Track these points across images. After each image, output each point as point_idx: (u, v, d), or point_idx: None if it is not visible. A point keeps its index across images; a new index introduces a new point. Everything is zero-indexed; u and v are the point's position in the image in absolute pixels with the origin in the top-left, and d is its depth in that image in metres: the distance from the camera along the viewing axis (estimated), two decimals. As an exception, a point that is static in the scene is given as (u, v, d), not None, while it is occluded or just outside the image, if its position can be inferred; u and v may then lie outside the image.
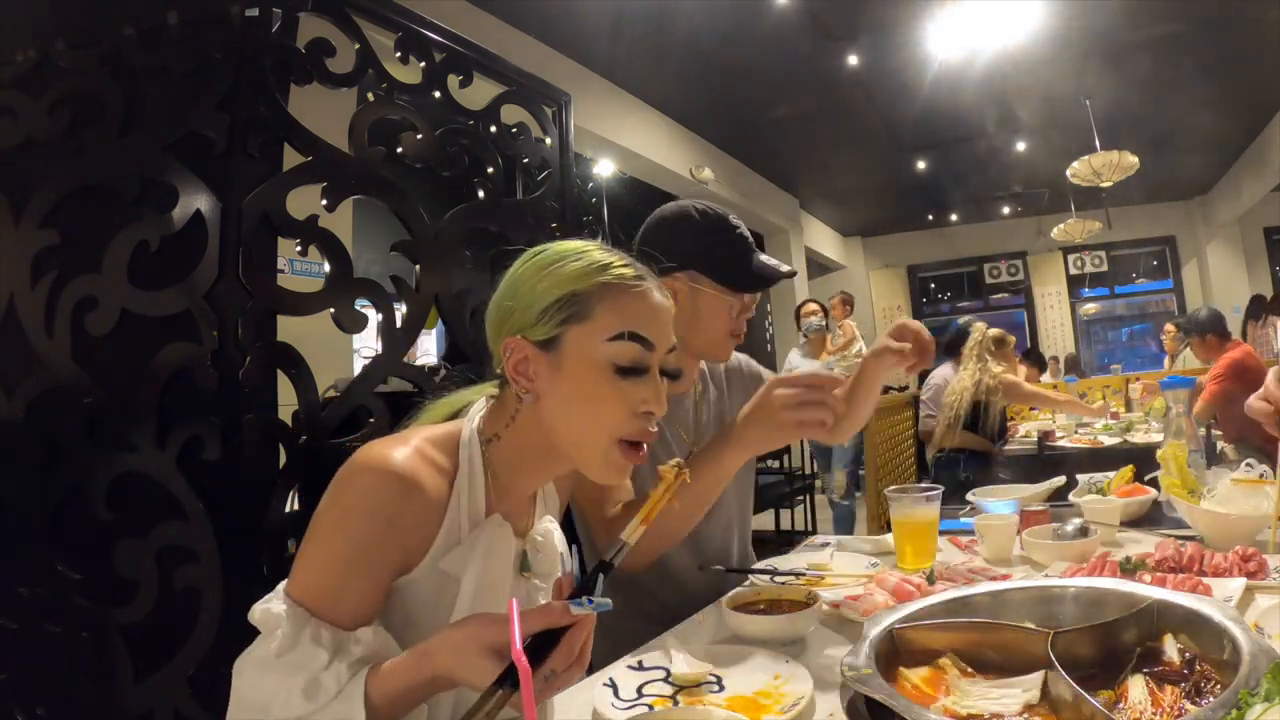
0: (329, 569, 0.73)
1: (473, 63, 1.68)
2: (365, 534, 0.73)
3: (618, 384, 0.77)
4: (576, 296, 0.78)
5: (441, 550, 0.78)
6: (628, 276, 0.80)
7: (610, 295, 0.78)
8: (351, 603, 0.73)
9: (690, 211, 1.29)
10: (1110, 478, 1.74)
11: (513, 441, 0.82)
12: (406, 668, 0.70)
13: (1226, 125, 6.39)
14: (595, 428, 0.78)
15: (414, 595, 0.78)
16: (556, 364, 0.78)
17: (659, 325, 0.80)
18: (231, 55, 1.27)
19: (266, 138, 1.28)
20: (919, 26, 4.35)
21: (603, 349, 0.77)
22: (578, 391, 0.77)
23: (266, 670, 0.70)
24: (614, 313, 0.78)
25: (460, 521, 0.79)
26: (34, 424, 1.30)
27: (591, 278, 0.78)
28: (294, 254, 1.36)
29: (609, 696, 0.86)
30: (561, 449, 0.81)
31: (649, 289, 0.81)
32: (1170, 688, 0.69)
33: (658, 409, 0.79)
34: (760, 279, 1.28)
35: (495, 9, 3.78)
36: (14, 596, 1.28)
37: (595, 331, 0.77)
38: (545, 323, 0.78)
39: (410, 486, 0.75)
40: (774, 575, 1.32)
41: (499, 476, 0.82)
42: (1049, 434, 3.71)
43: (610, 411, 0.77)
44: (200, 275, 1.20)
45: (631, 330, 0.77)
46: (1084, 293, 9.50)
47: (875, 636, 0.79)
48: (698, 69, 4.74)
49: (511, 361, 0.79)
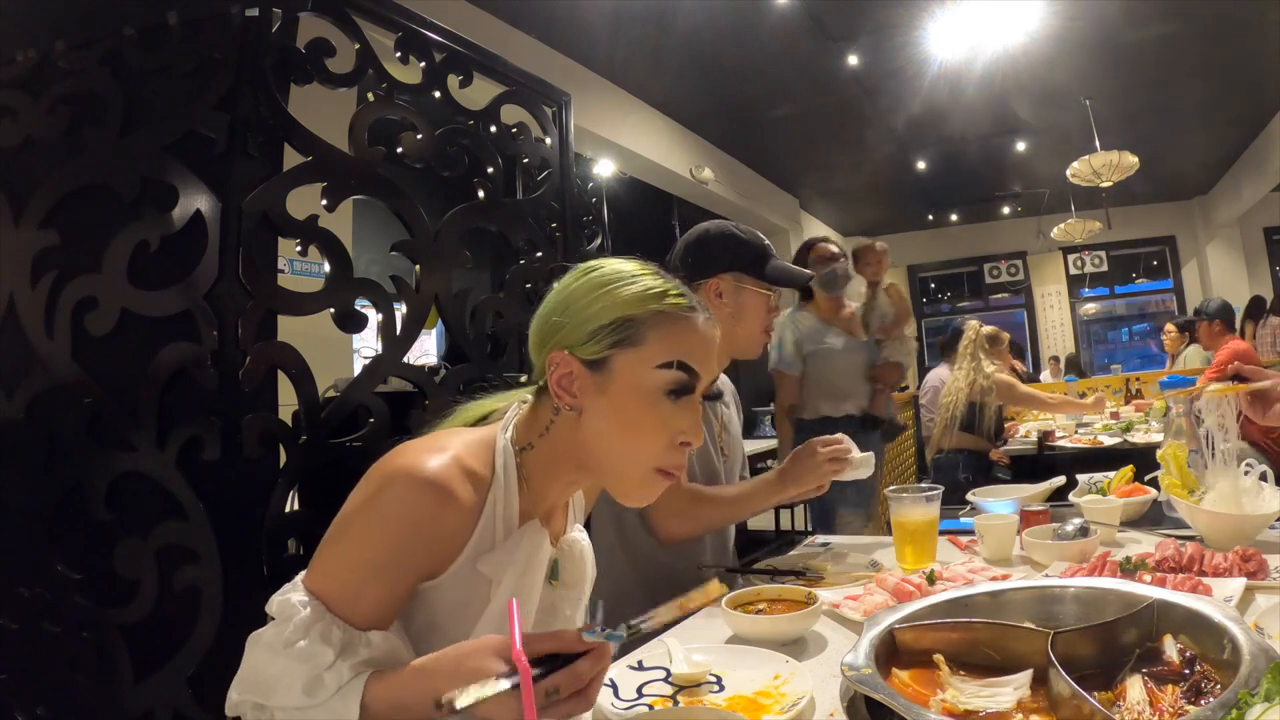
0: (352, 573, 0.73)
1: (473, 63, 1.68)
2: (394, 544, 0.73)
3: (662, 412, 0.78)
4: (630, 321, 0.78)
5: (472, 555, 0.77)
6: (682, 306, 0.80)
7: (664, 323, 0.78)
8: (368, 606, 0.73)
9: (729, 227, 1.50)
10: (1110, 478, 1.74)
11: (546, 452, 0.82)
12: (404, 681, 0.69)
13: (1226, 125, 6.39)
14: (636, 455, 0.79)
15: (440, 598, 0.78)
16: (602, 385, 0.78)
17: (707, 356, 0.81)
18: (231, 55, 1.27)
19: (266, 138, 1.28)
20: (919, 26, 4.35)
21: (651, 376, 0.77)
22: (622, 416, 0.78)
23: (275, 654, 0.71)
24: (666, 341, 0.78)
25: (495, 527, 0.79)
26: (34, 424, 1.30)
27: (646, 304, 0.79)
28: (294, 254, 1.36)
29: (609, 696, 0.86)
30: (593, 467, 0.81)
31: (699, 319, 0.81)
32: (1170, 688, 0.69)
33: (695, 440, 0.80)
34: (792, 276, 1.47)
35: (495, 9, 3.78)
36: (14, 596, 1.28)
37: (646, 358, 0.77)
38: (596, 343, 0.78)
39: (446, 498, 0.74)
40: (774, 575, 1.32)
41: (531, 484, 0.82)
42: (1049, 434, 3.71)
43: (652, 441, 0.78)
44: (200, 275, 1.20)
45: (681, 360, 0.78)
46: (1084, 293, 9.50)
47: (875, 636, 0.79)
48: (698, 69, 4.74)
49: (556, 375, 0.79)
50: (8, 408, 1.32)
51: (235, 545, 1.15)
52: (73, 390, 1.26)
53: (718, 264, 1.42)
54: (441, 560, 0.76)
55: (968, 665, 0.78)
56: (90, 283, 1.25)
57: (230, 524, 1.16)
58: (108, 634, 1.21)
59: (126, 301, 1.23)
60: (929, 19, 4.26)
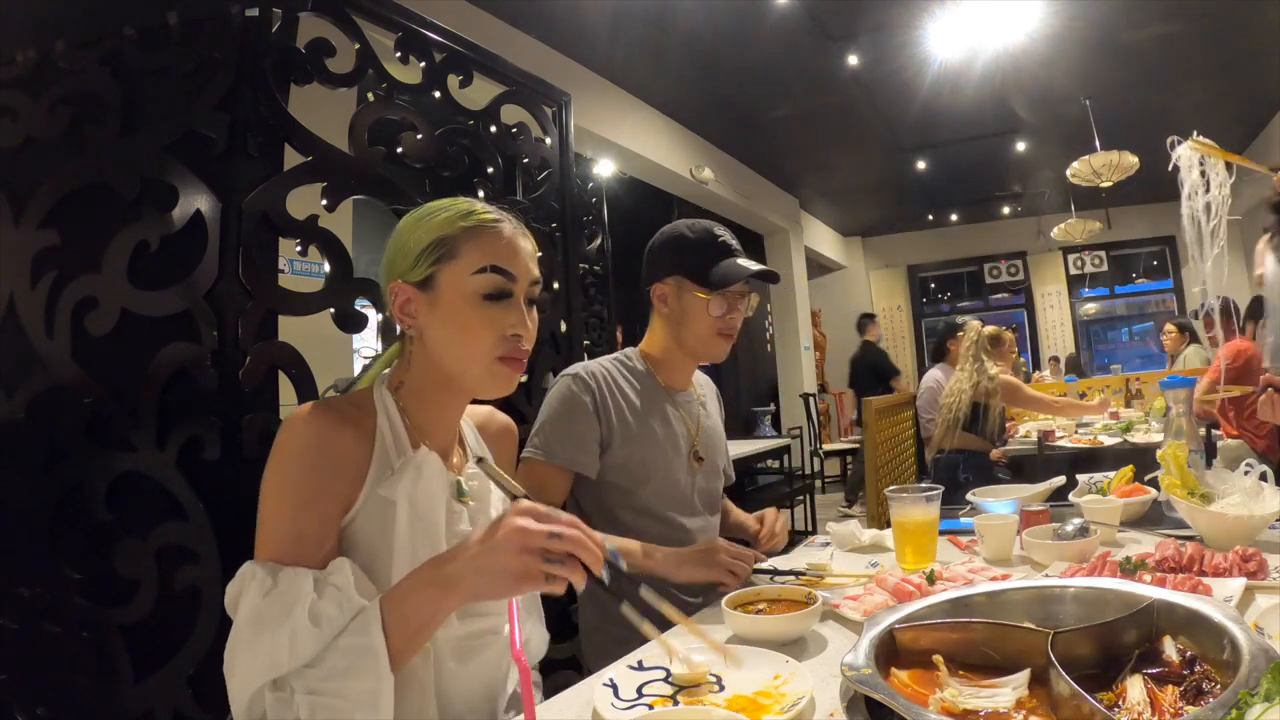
0: (284, 521, 0.80)
1: (473, 63, 1.68)
2: (307, 473, 0.81)
3: (486, 312, 0.88)
4: (445, 239, 0.89)
5: (374, 483, 0.85)
6: (488, 219, 0.91)
7: (473, 236, 0.89)
8: (311, 545, 0.80)
9: (681, 228, 1.47)
10: (1110, 478, 1.74)
11: (414, 383, 0.92)
12: (428, 599, 0.74)
13: (1226, 125, 6.38)
14: (472, 351, 0.89)
15: (360, 530, 0.84)
16: (433, 301, 0.89)
17: (518, 259, 0.91)
18: (231, 55, 1.27)
19: (266, 138, 1.28)
20: (919, 26, 4.34)
21: (470, 282, 0.88)
22: (452, 322, 0.89)
23: (260, 629, 0.73)
24: (477, 250, 0.89)
25: (389, 455, 0.87)
26: (34, 424, 1.30)
27: (456, 223, 0.90)
28: (294, 254, 1.36)
29: (609, 696, 0.86)
30: (450, 377, 0.91)
31: (507, 229, 0.92)
32: (1170, 688, 0.69)
33: (524, 331, 0.90)
34: (725, 279, 1.40)
35: (495, 9, 3.77)
36: (14, 596, 1.28)
37: (463, 267, 0.88)
38: (421, 265, 0.89)
39: (333, 418, 0.84)
40: (774, 575, 1.32)
41: (413, 417, 0.92)
42: (1049, 434, 3.70)
43: (482, 337, 0.88)
44: (200, 275, 1.21)
45: (493, 264, 0.89)
46: (1084, 293, 9.49)
47: (875, 636, 0.79)
48: (698, 69, 4.73)
49: (397, 304, 0.90)
50: (8, 408, 1.32)
51: (235, 545, 1.15)
52: (73, 390, 1.26)
53: (662, 268, 1.45)
54: (352, 483, 0.84)
55: (967, 665, 0.78)
56: (90, 283, 1.25)
57: (230, 524, 1.16)
58: (108, 634, 1.21)
59: (126, 301, 1.23)
60: (929, 19, 4.26)
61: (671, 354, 1.49)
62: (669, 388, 1.50)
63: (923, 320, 9.90)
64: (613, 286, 2.36)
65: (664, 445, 1.43)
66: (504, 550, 0.72)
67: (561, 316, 1.86)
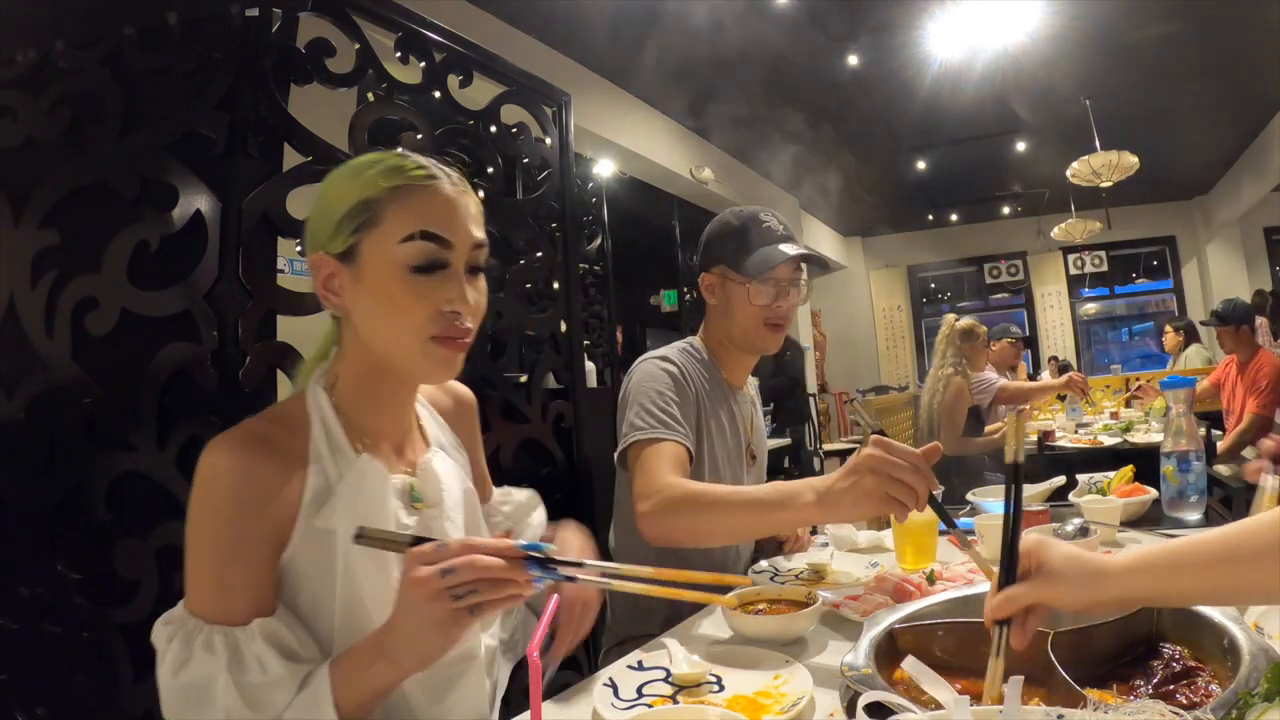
0: (210, 569, 0.72)
1: (473, 63, 1.68)
2: (229, 520, 0.72)
3: (416, 285, 0.75)
4: (368, 202, 0.75)
5: (313, 509, 0.75)
6: (418, 176, 0.77)
7: (400, 197, 0.76)
8: (239, 595, 0.71)
9: (727, 215, 1.42)
10: (1110, 478, 1.74)
11: (349, 375, 0.81)
12: (379, 673, 0.68)
13: (1226, 125, 6.39)
14: (402, 332, 0.76)
15: (300, 570, 0.75)
16: (358, 275, 0.76)
17: (455, 221, 0.77)
18: (231, 55, 1.27)
19: (266, 138, 1.28)
20: (919, 26, 4.35)
21: (397, 251, 0.75)
22: (379, 299, 0.76)
23: (178, 692, 0.70)
24: (405, 214, 0.75)
25: (326, 474, 0.76)
26: (34, 424, 1.30)
27: (380, 183, 0.76)
28: (294, 254, 1.36)
29: (609, 696, 0.86)
30: (385, 361, 0.79)
31: (443, 186, 0.78)
32: (1170, 688, 0.69)
33: (463, 306, 0.77)
34: (762, 264, 1.33)
35: (495, 9, 3.77)
36: (14, 596, 1.28)
37: (388, 235, 0.75)
38: (341, 234, 0.76)
39: (256, 450, 0.73)
40: (774, 575, 1.32)
41: (353, 416, 0.80)
42: (1049, 434, 3.70)
43: (413, 315, 0.75)
44: (200, 275, 1.20)
45: (423, 229, 0.75)
46: (1084, 293, 9.50)
47: (875, 636, 0.79)
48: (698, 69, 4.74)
49: (320, 279, 0.78)
50: (8, 408, 1.32)
51: (235, 545, 1.15)
52: (73, 390, 1.25)
53: (708, 258, 1.41)
54: (282, 521, 0.74)
55: (967, 665, 0.78)
56: (90, 283, 1.25)
57: (230, 524, 1.15)
58: (108, 634, 1.21)
59: (126, 301, 1.23)
60: (929, 19, 4.26)
61: (725, 348, 1.44)
62: (729, 383, 1.45)
63: (923, 320, 9.90)
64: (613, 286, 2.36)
65: (728, 440, 1.41)
66: (412, 610, 0.64)
67: (561, 316, 1.86)
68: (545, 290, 1.84)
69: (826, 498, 0.96)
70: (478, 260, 0.80)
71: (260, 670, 0.69)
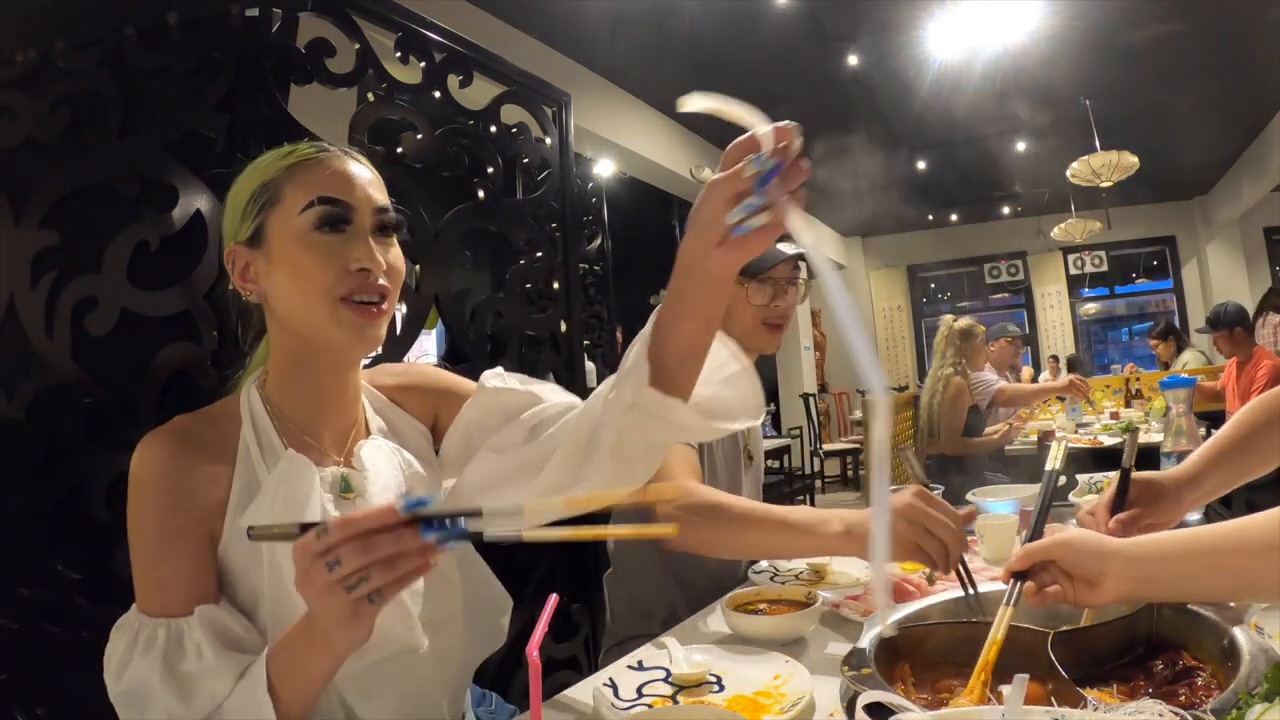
0: (148, 567, 0.74)
1: (473, 63, 1.68)
2: (159, 513, 0.74)
3: (321, 248, 0.76)
4: (268, 185, 0.79)
5: (240, 506, 0.76)
6: (309, 153, 0.80)
7: (296, 173, 0.79)
8: (177, 589, 0.73)
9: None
10: (1110, 477, 1.74)
11: (277, 365, 0.82)
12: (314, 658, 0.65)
13: (1226, 125, 6.38)
14: (309, 294, 0.77)
15: (235, 565, 0.76)
16: (268, 256, 0.78)
17: (352, 186, 0.79)
18: (231, 55, 1.27)
19: (266, 138, 1.27)
20: (919, 26, 4.35)
21: (297, 222, 0.77)
22: (288, 270, 0.77)
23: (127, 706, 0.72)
24: (302, 186, 0.78)
25: (254, 473, 0.77)
26: (34, 424, 1.30)
27: (276, 165, 0.80)
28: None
29: (609, 696, 0.86)
30: (303, 338, 0.80)
31: (334, 158, 0.81)
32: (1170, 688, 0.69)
33: (371, 264, 0.78)
34: (759, 263, 1.30)
35: (495, 9, 3.77)
36: (14, 596, 1.28)
37: (288, 210, 0.78)
38: (248, 219, 0.79)
39: (181, 446, 0.75)
40: (774, 575, 1.32)
41: (287, 410, 0.81)
42: (1049, 434, 3.70)
43: (317, 274, 0.76)
44: (200, 275, 1.21)
45: (320, 195, 0.77)
46: (1084, 293, 9.49)
47: (875, 636, 0.79)
48: (698, 69, 4.74)
49: (237, 272, 0.80)
50: (8, 408, 1.32)
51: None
52: (73, 390, 1.26)
53: None
54: (210, 516, 0.75)
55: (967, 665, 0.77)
56: (90, 283, 1.25)
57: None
58: (108, 634, 1.21)
59: (126, 301, 1.23)
60: (929, 19, 4.26)
61: None
62: None
63: (923, 320, 9.90)
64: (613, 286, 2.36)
65: (725, 440, 1.40)
66: (313, 605, 0.61)
67: (561, 316, 1.86)
68: (545, 290, 1.84)
69: (854, 531, 0.97)
70: (386, 221, 0.82)
71: (197, 658, 0.70)
